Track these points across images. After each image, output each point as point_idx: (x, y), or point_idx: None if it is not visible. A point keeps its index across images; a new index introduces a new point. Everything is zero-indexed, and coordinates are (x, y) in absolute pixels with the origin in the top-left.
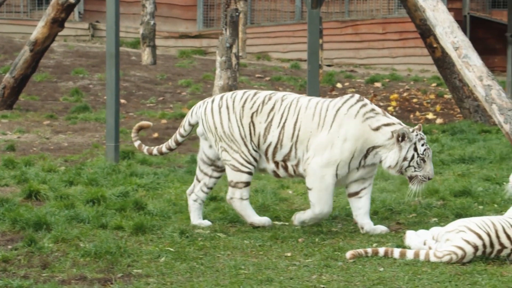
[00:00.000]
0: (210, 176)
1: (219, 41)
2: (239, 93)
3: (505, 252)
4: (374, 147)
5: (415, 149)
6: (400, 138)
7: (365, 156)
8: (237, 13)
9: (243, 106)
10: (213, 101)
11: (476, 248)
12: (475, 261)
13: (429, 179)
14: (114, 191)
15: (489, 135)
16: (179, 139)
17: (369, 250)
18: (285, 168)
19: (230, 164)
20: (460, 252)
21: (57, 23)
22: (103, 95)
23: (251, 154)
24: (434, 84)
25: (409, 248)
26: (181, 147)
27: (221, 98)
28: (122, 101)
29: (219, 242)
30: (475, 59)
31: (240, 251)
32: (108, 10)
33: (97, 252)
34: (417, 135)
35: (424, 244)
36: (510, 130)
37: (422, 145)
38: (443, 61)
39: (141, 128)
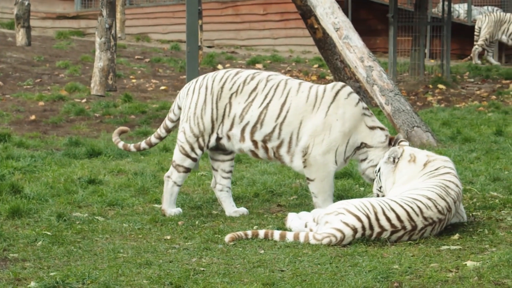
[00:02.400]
0: (223, 161)
1: (98, 22)
2: (220, 72)
3: (385, 235)
4: (366, 145)
5: None
6: (394, 143)
7: (356, 150)
8: None
9: (222, 87)
10: (196, 81)
11: (355, 230)
12: (356, 242)
13: None
14: None
15: None
16: (169, 124)
17: (249, 232)
18: (265, 149)
19: (181, 146)
20: (339, 235)
21: None
22: None
23: (209, 141)
24: (315, 66)
25: (290, 230)
26: (58, 129)
27: (203, 78)
28: None
29: (98, 225)
30: (356, 40)
31: (119, 234)
32: None
33: None
34: None
35: (306, 226)
36: (391, 111)
37: None
38: (324, 42)
39: (122, 132)
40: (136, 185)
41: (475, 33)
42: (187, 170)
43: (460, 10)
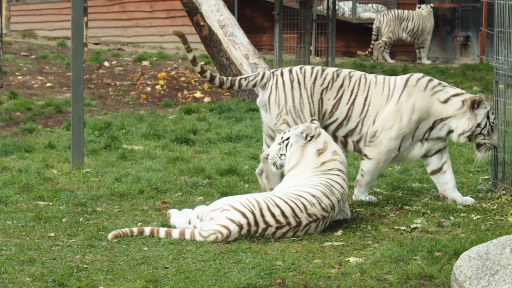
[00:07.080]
0: None
1: None
2: (307, 68)
3: (270, 231)
4: (442, 120)
5: (488, 117)
6: (476, 105)
7: (431, 129)
8: None
9: (314, 83)
10: (282, 74)
11: (240, 226)
12: (240, 239)
13: (494, 147)
14: None
15: (256, 113)
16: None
17: (135, 229)
18: (345, 144)
19: None
20: (225, 231)
21: None
22: None
23: None
24: (202, 63)
25: (174, 227)
26: None
27: (290, 72)
28: None
29: None
30: (241, 37)
31: (2, 231)
32: None
33: None
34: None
35: (189, 223)
36: None
37: (492, 113)
38: (210, 40)
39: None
40: (20, 182)
41: (373, 32)
42: None
43: (345, 7)
